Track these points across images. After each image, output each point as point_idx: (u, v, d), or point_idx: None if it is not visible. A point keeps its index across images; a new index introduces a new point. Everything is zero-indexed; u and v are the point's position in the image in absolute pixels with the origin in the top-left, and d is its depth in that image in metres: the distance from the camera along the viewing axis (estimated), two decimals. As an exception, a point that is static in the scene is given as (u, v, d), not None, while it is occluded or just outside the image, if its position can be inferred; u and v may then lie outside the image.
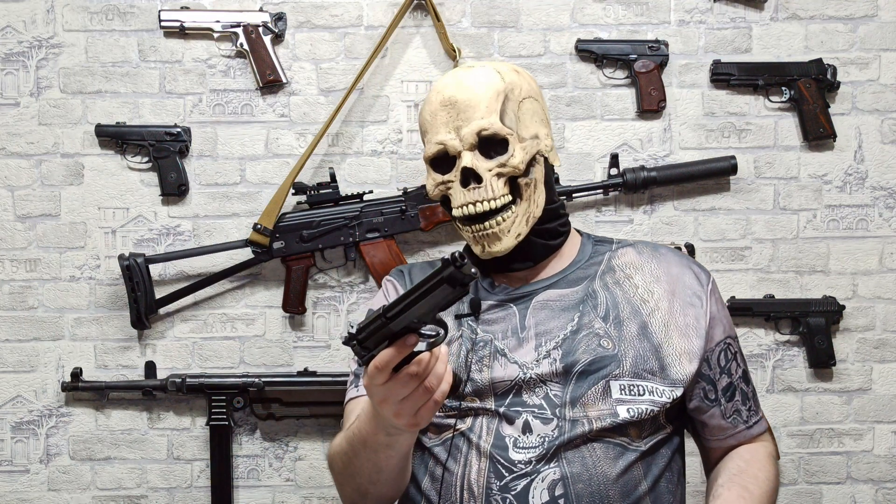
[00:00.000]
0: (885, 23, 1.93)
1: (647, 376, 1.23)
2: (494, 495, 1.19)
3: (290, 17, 1.92)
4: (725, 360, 1.30)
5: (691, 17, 1.94)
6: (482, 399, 1.24)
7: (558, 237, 1.34)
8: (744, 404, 1.32)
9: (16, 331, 1.92)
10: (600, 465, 1.19)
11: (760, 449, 1.33)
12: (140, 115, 1.92)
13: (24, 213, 1.92)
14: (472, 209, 1.25)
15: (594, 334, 1.25)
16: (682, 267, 1.33)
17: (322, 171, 1.92)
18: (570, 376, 1.23)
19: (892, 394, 1.95)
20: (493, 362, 1.25)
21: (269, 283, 1.94)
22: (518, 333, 1.27)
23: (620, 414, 1.21)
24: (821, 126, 1.90)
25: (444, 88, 1.28)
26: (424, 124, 1.30)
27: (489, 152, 1.26)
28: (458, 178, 1.26)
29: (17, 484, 1.92)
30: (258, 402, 1.90)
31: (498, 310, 1.30)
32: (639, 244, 1.37)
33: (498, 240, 1.27)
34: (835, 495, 1.94)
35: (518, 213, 1.27)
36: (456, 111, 1.26)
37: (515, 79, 1.29)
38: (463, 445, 1.23)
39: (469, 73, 1.29)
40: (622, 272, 1.32)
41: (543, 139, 1.30)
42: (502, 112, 1.26)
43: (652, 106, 1.91)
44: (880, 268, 1.94)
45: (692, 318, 1.28)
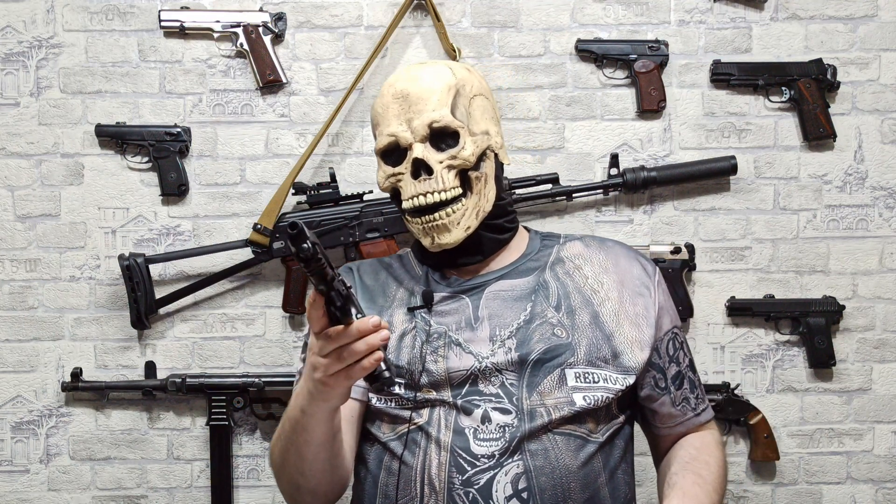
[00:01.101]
0: (885, 23, 1.93)
1: (600, 364, 1.25)
2: (457, 489, 1.19)
3: (290, 17, 1.92)
4: (673, 349, 1.33)
5: (691, 17, 1.94)
6: (438, 390, 1.25)
7: (506, 232, 1.36)
8: (692, 392, 1.35)
9: (16, 331, 1.92)
10: (562, 458, 1.20)
11: (708, 436, 1.36)
12: (140, 115, 1.92)
13: (24, 213, 1.92)
14: (423, 200, 1.27)
15: (548, 323, 1.27)
16: (630, 259, 1.36)
17: (322, 171, 1.92)
18: (526, 365, 1.24)
19: (892, 394, 1.95)
20: (449, 352, 1.26)
21: (269, 283, 1.94)
22: (472, 324, 1.28)
23: (577, 402, 1.22)
24: (821, 126, 1.90)
25: (396, 82, 1.30)
26: (376, 117, 1.31)
27: (440, 144, 1.27)
28: (409, 169, 1.28)
29: (17, 484, 1.92)
30: (258, 402, 1.90)
31: (450, 301, 1.30)
32: (586, 237, 1.40)
33: (447, 231, 1.27)
34: (835, 495, 1.94)
35: (468, 207, 1.28)
36: (408, 104, 1.27)
37: (467, 76, 1.31)
38: (421, 439, 1.23)
39: (421, 68, 1.31)
40: (571, 263, 1.34)
41: (494, 136, 1.32)
42: (453, 106, 1.27)
43: (652, 106, 1.91)
44: (880, 268, 1.94)
45: (641, 308, 1.30)
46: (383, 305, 1.34)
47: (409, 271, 1.38)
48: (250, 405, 1.89)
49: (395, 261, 1.42)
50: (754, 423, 1.89)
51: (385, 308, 1.34)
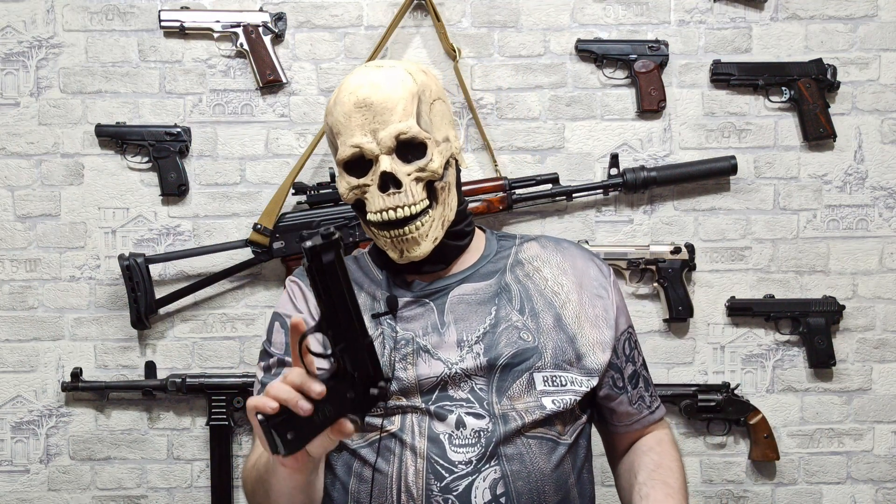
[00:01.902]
0: (885, 23, 1.93)
1: (566, 367, 1.25)
2: (435, 496, 1.18)
3: (290, 17, 1.92)
4: (629, 348, 1.34)
5: (691, 17, 1.94)
6: (408, 397, 1.23)
7: (466, 237, 1.34)
8: (646, 390, 1.36)
9: (16, 331, 1.92)
10: (537, 462, 1.21)
11: (664, 437, 1.37)
12: (140, 115, 1.92)
13: (24, 213, 1.92)
14: (392, 214, 1.23)
15: (513, 327, 1.26)
16: (586, 260, 1.36)
17: (322, 171, 1.92)
18: (495, 370, 1.23)
19: (892, 394, 1.95)
20: (417, 359, 1.24)
21: (269, 283, 1.94)
22: (439, 329, 1.27)
23: (547, 406, 1.22)
24: (821, 126, 1.90)
25: (358, 89, 1.24)
26: (337, 125, 1.26)
27: (406, 156, 1.24)
28: (377, 182, 1.24)
29: (17, 484, 1.92)
30: (258, 402, 1.90)
31: (415, 306, 1.29)
32: (541, 238, 1.39)
33: (417, 245, 1.25)
34: (835, 495, 1.94)
35: (434, 218, 1.26)
36: (372, 113, 1.22)
37: (425, 80, 1.28)
38: (395, 446, 1.22)
39: (381, 73, 1.25)
40: (530, 265, 1.33)
41: (453, 141, 1.30)
42: (418, 115, 1.24)
43: (652, 106, 1.91)
44: (880, 268, 1.94)
45: (601, 310, 1.31)
46: None
47: (368, 275, 1.35)
48: (250, 405, 1.89)
49: (352, 263, 1.39)
50: (754, 423, 1.89)
51: None
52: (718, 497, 1.94)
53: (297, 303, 1.34)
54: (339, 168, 1.28)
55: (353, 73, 1.28)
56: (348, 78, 1.27)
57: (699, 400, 1.88)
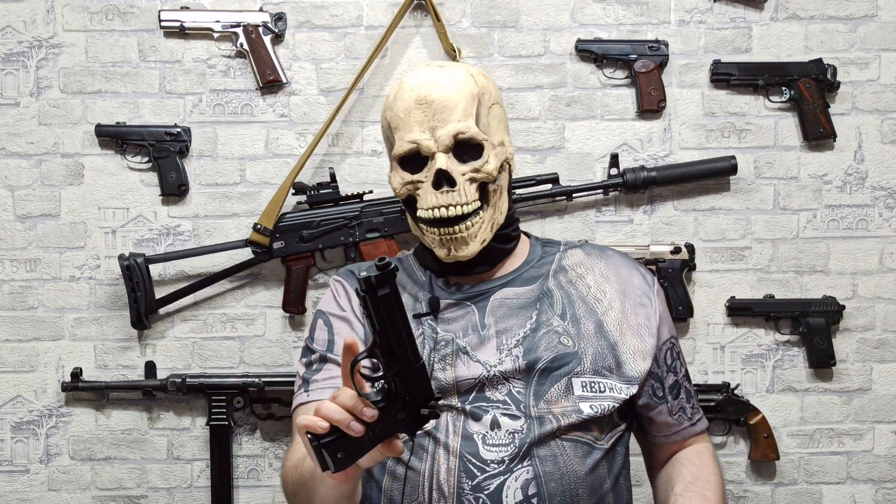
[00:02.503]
0: (885, 23, 1.93)
1: (606, 374, 1.25)
2: (466, 495, 1.18)
3: (290, 17, 1.92)
4: (671, 358, 1.33)
5: (691, 17, 1.94)
6: (445, 397, 1.24)
7: (512, 241, 1.35)
8: (688, 402, 1.36)
9: (16, 331, 1.92)
10: (571, 464, 1.20)
11: (705, 449, 1.36)
12: (140, 115, 1.92)
13: (24, 213, 1.92)
14: (444, 213, 1.24)
15: (554, 332, 1.26)
16: (630, 268, 1.36)
17: (322, 171, 1.92)
18: (533, 373, 1.23)
19: (892, 394, 1.95)
20: (457, 361, 1.25)
21: (269, 283, 1.94)
22: (479, 332, 1.27)
23: (584, 410, 1.22)
24: (821, 126, 1.90)
25: (420, 86, 1.25)
26: (395, 120, 1.27)
27: (462, 156, 1.25)
28: (431, 179, 1.25)
29: (17, 484, 1.92)
30: (258, 402, 1.90)
31: (456, 308, 1.30)
32: (586, 246, 1.39)
33: (465, 244, 1.26)
34: (835, 495, 1.94)
35: (485, 220, 1.27)
36: (432, 111, 1.24)
37: (485, 83, 1.29)
38: (428, 444, 1.22)
39: (444, 72, 1.27)
40: (574, 272, 1.33)
41: (507, 146, 1.31)
42: (477, 116, 1.25)
43: (652, 106, 1.91)
44: (880, 268, 1.94)
45: (643, 318, 1.30)
46: None
47: (412, 276, 1.37)
48: (250, 405, 1.89)
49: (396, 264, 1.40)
50: (754, 423, 1.89)
51: None
52: (718, 497, 1.94)
53: (340, 301, 1.35)
54: (393, 162, 1.29)
55: (415, 70, 1.30)
56: (410, 74, 1.29)
57: (699, 400, 1.88)
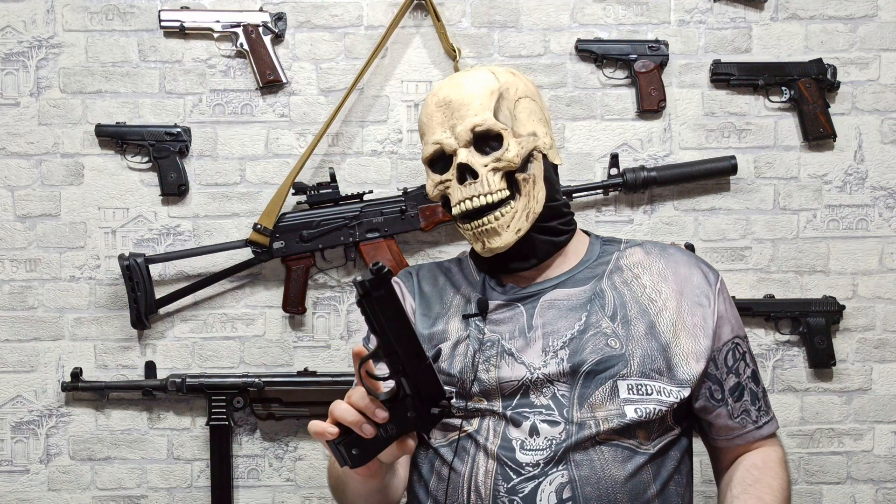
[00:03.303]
0: (885, 23, 1.93)
1: (654, 376, 1.23)
2: (501, 497, 1.18)
3: (290, 17, 1.92)
4: (734, 359, 1.30)
5: (691, 17, 1.94)
6: (489, 399, 1.24)
7: (561, 235, 1.33)
8: (753, 404, 1.31)
9: (16, 331, 1.92)
10: (608, 468, 1.19)
11: (772, 454, 1.32)
12: (140, 115, 1.92)
13: (24, 213, 1.92)
14: (470, 204, 1.26)
15: (602, 334, 1.25)
16: (691, 266, 1.33)
17: (322, 171, 1.92)
18: (578, 376, 1.22)
19: (892, 394, 1.95)
20: (501, 362, 1.25)
21: (269, 283, 1.94)
22: (525, 333, 1.27)
23: (628, 414, 1.20)
24: (821, 126, 1.90)
25: (440, 90, 1.30)
26: (422, 126, 1.32)
27: (484, 148, 1.27)
28: (455, 175, 1.27)
29: (17, 484, 1.92)
30: (258, 402, 1.90)
31: (505, 309, 1.30)
32: (647, 244, 1.37)
33: (497, 235, 1.26)
34: (835, 495, 1.94)
35: (517, 209, 1.27)
36: (450, 110, 1.27)
37: (510, 79, 1.31)
38: (470, 447, 1.23)
39: (465, 74, 1.31)
40: (630, 272, 1.32)
41: (542, 137, 1.31)
42: (496, 109, 1.27)
43: (652, 106, 1.91)
44: (880, 268, 1.94)
45: (700, 318, 1.27)
46: (440, 313, 1.34)
47: (468, 277, 1.37)
48: (250, 405, 1.89)
49: (455, 265, 1.42)
50: (754, 423, 1.89)
51: (441, 315, 1.33)
52: (718, 497, 1.94)
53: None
54: (425, 166, 1.33)
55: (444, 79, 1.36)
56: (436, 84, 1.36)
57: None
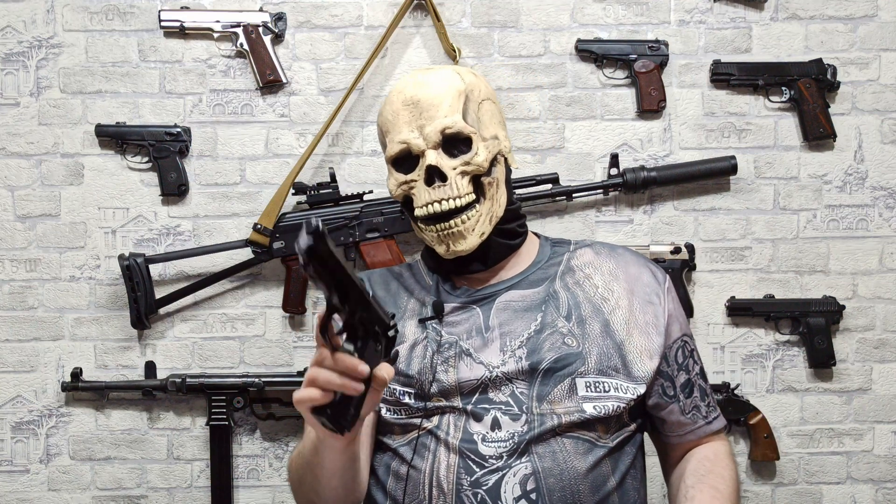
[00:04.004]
0: (885, 23, 1.93)
1: (611, 373, 1.24)
2: (465, 490, 1.18)
3: (290, 17, 1.92)
4: (683, 356, 1.32)
5: (691, 17, 1.94)
6: (448, 398, 1.24)
7: (517, 237, 1.35)
8: (702, 400, 1.34)
9: (16, 331, 1.92)
10: (570, 460, 1.20)
11: (721, 448, 1.35)
12: (140, 115, 1.92)
13: (24, 213, 1.92)
14: (438, 207, 1.26)
15: (558, 333, 1.26)
16: (640, 266, 1.35)
17: (322, 171, 1.92)
18: (536, 374, 1.23)
19: (892, 394, 1.95)
20: (459, 363, 1.25)
21: (269, 283, 1.94)
22: (483, 333, 1.27)
23: (587, 410, 1.22)
24: (821, 126, 1.90)
25: (406, 88, 1.28)
26: (386, 124, 1.30)
27: (452, 151, 1.27)
28: (423, 176, 1.27)
29: (17, 484, 1.92)
30: (258, 402, 1.90)
31: (461, 312, 1.30)
32: (596, 244, 1.39)
33: (463, 238, 1.27)
34: (835, 495, 1.94)
35: (482, 213, 1.27)
36: (418, 110, 1.26)
37: (474, 80, 1.31)
38: (430, 443, 1.23)
39: (429, 73, 1.30)
40: (581, 272, 1.33)
41: (502, 140, 1.32)
42: (464, 111, 1.27)
43: (652, 106, 1.91)
44: (880, 268, 1.94)
45: (651, 316, 1.29)
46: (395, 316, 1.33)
47: (420, 281, 1.37)
48: (250, 405, 1.89)
49: (406, 270, 1.42)
50: (754, 423, 1.89)
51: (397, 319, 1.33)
52: (718, 497, 1.94)
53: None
54: (388, 165, 1.31)
55: (405, 76, 1.33)
56: (399, 81, 1.32)
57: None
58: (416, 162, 1.28)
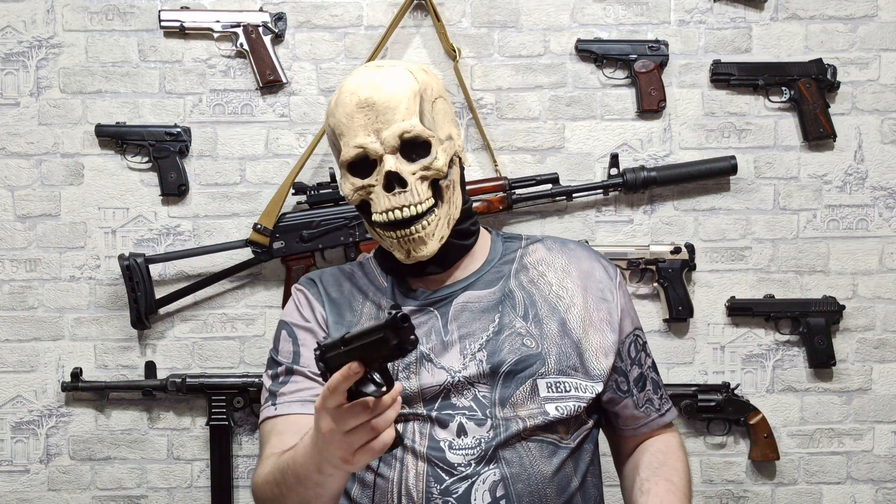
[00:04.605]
0: (885, 23, 1.93)
1: (570, 373, 1.24)
2: (435, 499, 1.18)
3: (290, 17, 1.92)
4: (635, 351, 1.33)
5: (691, 17, 1.94)
6: (411, 405, 1.23)
7: (471, 237, 1.33)
8: (655, 393, 1.35)
9: (16, 331, 1.92)
10: (537, 464, 1.20)
11: (672, 440, 1.36)
12: (140, 115, 1.92)
13: (24, 213, 1.92)
14: (399, 214, 1.22)
15: (517, 333, 1.25)
16: (592, 262, 1.34)
17: (322, 171, 1.92)
18: (498, 377, 1.23)
19: (892, 394, 1.95)
20: (421, 369, 1.24)
21: (269, 283, 1.94)
22: (442, 338, 1.26)
23: (550, 412, 1.22)
24: (821, 126, 1.90)
25: (359, 89, 1.23)
26: (339, 126, 1.24)
27: (410, 155, 1.23)
28: (381, 181, 1.23)
29: (17, 484, 1.92)
30: (258, 402, 1.90)
31: (419, 315, 1.28)
32: (547, 240, 1.37)
33: (423, 244, 1.24)
34: (835, 495, 1.94)
35: (440, 216, 1.25)
36: (374, 113, 1.21)
37: (426, 78, 1.27)
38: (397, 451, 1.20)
39: (381, 72, 1.25)
40: (535, 270, 1.32)
41: (456, 139, 1.29)
42: (421, 113, 1.23)
43: (652, 106, 1.91)
44: (880, 268, 1.94)
45: (605, 313, 1.29)
46: (351, 321, 1.31)
47: (374, 282, 1.34)
48: (250, 405, 1.89)
49: (357, 269, 1.38)
50: (754, 423, 1.89)
51: (353, 323, 1.30)
52: (718, 497, 1.94)
53: (303, 311, 1.33)
54: (342, 170, 1.27)
55: (353, 73, 1.28)
56: (348, 79, 1.26)
57: (699, 400, 1.88)
58: (373, 166, 1.24)
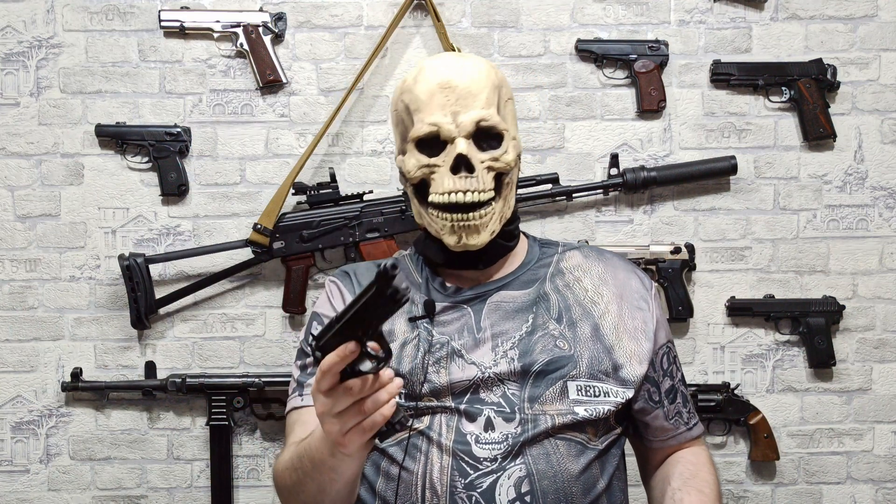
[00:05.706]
0: (885, 23, 1.93)
1: (602, 377, 1.24)
2: (459, 493, 1.17)
3: (290, 17, 1.92)
4: (668, 363, 1.33)
5: (691, 17, 1.94)
6: (439, 398, 1.23)
7: (514, 239, 1.34)
8: (684, 406, 1.35)
9: (16, 331, 1.92)
10: (563, 463, 1.20)
11: (702, 453, 1.36)
12: (140, 115, 1.92)
13: (24, 213, 1.92)
14: (461, 198, 1.23)
15: (550, 335, 1.26)
16: (628, 272, 1.35)
17: (322, 171, 1.92)
18: (528, 376, 1.23)
19: (892, 394, 1.95)
20: (451, 364, 1.24)
21: (269, 283, 1.94)
22: (475, 334, 1.26)
23: (579, 413, 1.22)
24: (821, 126, 1.90)
25: (441, 70, 1.25)
26: (416, 102, 1.25)
27: (482, 144, 1.25)
28: (448, 163, 1.24)
29: (17, 484, 1.92)
30: (258, 402, 1.90)
31: (452, 311, 1.29)
32: (584, 248, 1.39)
33: (477, 233, 1.25)
34: (835, 495, 1.94)
35: (496, 210, 1.26)
36: (455, 96, 1.23)
37: (503, 77, 1.30)
38: (422, 443, 1.21)
39: (466, 60, 1.27)
40: (571, 275, 1.33)
41: (519, 143, 1.32)
42: (498, 106, 1.25)
43: (652, 106, 1.91)
44: (880, 268, 1.94)
45: (640, 322, 1.30)
46: None
47: (408, 277, 1.35)
48: (250, 405, 1.89)
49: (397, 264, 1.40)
50: (754, 423, 1.89)
51: None
52: (718, 497, 1.94)
53: (334, 302, 1.35)
54: (409, 145, 1.27)
55: (436, 56, 1.31)
56: (431, 60, 1.29)
57: (699, 400, 1.88)
58: (443, 147, 1.25)
